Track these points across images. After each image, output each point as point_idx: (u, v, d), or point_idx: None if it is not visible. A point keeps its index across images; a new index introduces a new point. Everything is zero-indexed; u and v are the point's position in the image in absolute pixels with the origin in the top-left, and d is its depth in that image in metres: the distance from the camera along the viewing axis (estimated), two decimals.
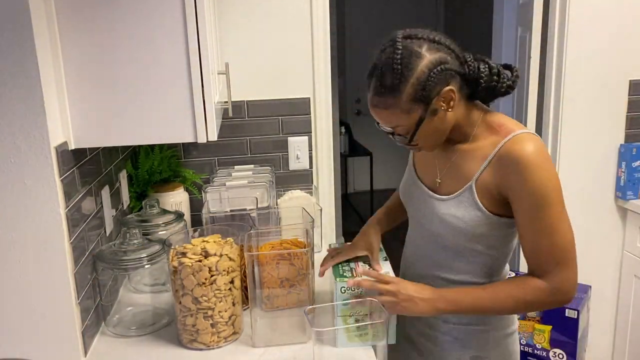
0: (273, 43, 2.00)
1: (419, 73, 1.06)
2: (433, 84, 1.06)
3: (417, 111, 1.09)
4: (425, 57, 1.07)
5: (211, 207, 1.70)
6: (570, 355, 2.23)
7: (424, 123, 1.10)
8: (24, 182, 1.10)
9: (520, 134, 1.11)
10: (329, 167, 2.14)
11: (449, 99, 1.09)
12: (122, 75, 1.18)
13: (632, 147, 2.32)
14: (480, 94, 1.15)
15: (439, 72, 1.06)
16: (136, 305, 1.49)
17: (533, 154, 1.07)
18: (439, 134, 1.15)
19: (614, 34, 2.25)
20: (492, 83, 1.13)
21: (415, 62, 1.06)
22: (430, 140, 1.16)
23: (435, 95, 1.08)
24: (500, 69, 1.14)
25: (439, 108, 1.10)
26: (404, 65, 1.05)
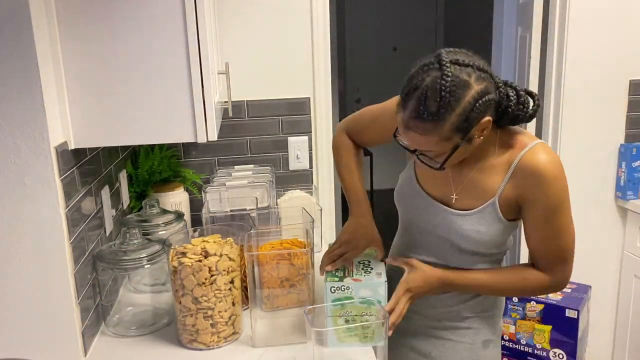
0: (273, 43, 2.00)
1: (466, 104, 1.03)
2: (476, 115, 1.05)
3: (455, 140, 1.07)
4: (473, 87, 1.04)
5: (211, 207, 1.70)
6: (570, 355, 2.23)
7: (458, 150, 1.10)
8: (24, 182, 1.10)
9: (535, 146, 1.16)
10: (329, 167, 2.14)
11: (484, 129, 1.09)
12: (122, 75, 1.18)
13: (632, 147, 2.32)
14: (505, 121, 1.16)
15: (483, 104, 1.05)
16: (136, 305, 1.49)
17: (550, 164, 1.13)
18: (464, 156, 1.16)
19: (614, 34, 2.25)
20: (518, 111, 1.14)
21: (464, 93, 1.03)
22: (450, 163, 1.15)
23: (475, 125, 1.06)
24: (525, 96, 1.15)
25: (475, 137, 1.09)
26: (452, 94, 1.02)
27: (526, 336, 2.29)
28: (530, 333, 2.28)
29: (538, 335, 2.26)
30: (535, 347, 2.28)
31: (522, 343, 2.30)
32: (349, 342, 1.22)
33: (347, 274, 1.27)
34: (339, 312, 1.21)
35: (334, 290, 1.22)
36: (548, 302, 2.23)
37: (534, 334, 2.27)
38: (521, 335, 2.30)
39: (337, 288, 1.22)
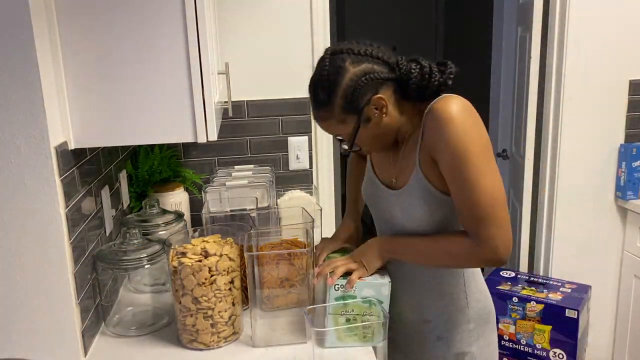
0: (273, 43, 2.00)
1: (345, 86, 1.11)
2: (360, 94, 1.11)
3: (351, 120, 1.14)
4: (349, 70, 1.11)
5: (211, 207, 1.70)
6: (570, 355, 2.23)
7: (360, 130, 1.15)
8: (24, 182, 1.10)
9: (445, 95, 1.12)
10: (329, 167, 2.14)
11: (380, 106, 1.13)
12: (122, 75, 1.18)
13: (632, 147, 2.32)
14: (412, 94, 1.16)
15: (364, 82, 1.10)
16: (136, 305, 1.49)
17: (454, 109, 1.07)
18: (381, 137, 1.19)
19: (614, 34, 2.25)
20: (424, 82, 1.13)
21: (340, 77, 1.11)
22: (374, 144, 1.21)
23: (364, 104, 1.12)
24: (432, 67, 1.14)
25: (372, 115, 1.14)
26: (331, 80, 1.12)
27: (526, 336, 2.29)
28: (530, 333, 2.28)
29: (538, 335, 2.26)
30: (535, 347, 2.28)
31: (522, 343, 2.30)
32: (349, 341, 1.22)
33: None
34: (341, 311, 1.22)
35: (337, 288, 1.22)
36: (548, 302, 2.23)
37: (534, 334, 2.27)
38: (521, 335, 2.30)
39: (341, 286, 1.22)
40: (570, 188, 2.37)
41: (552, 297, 2.26)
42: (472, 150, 1.06)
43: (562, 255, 2.44)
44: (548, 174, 2.38)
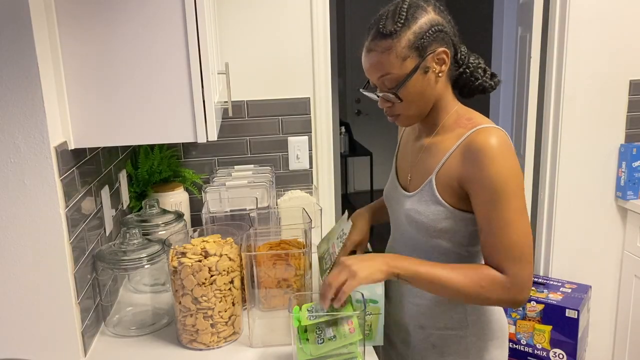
0: (273, 43, 2.00)
1: (422, 24, 1.09)
2: (431, 40, 1.09)
3: (411, 61, 1.09)
4: (430, 13, 1.10)
5: (211, 207, 1.70)
6: (570, 355, 2.23)
7: (414, 77, 1.10)
8: (23, 182, 1.10)
9: (486, 127, 1.10)
10: (329, 167, 2.14)
11: (442, 62, 1.11)
12: (122, 75, 1.18)
13: (632, 147, 2.32)
14: (461, 82, 1.18)
15: (439, 31, 1.10)
16: (136, 305, 1.49)
17: (494, 145, 1.05)
18: (424, 100, 1.14)
19: (614, 34, 2.25)
20: (476, 75, 1.17)
21: (420, 14, 1.09)
22: (413, 105, 1.14)
23: (431, 51, 1.09)
24: (487, 69, 1.19)
25: (431, 67, 1.11)
26: (409, 13, 1.09)
27: (526, 336, 2.29)
28: (530, 333, 2.28)
29: (538, 335, 2.26)
30: (535, 347, 2.28)
31: (522, 343, 2.30)
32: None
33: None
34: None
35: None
36: (548, 302, 2.23)
37: (534, 334, 2.27)
38: (521, 335, 2.30)
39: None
40: (570, 188, 2.37)
41: (552, 297, 2.26)
42: (512, 191, 1.05)
43: (562, 255, 2.44)
44: (548, 174, 2.38)
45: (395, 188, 1.29)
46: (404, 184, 1.27)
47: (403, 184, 1.27)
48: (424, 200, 1.16)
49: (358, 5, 5.37)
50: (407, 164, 1.28)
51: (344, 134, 4.82)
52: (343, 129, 4.80)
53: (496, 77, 1.21)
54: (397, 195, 1.27)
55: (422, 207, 1.16)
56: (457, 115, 1.17)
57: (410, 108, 1.15)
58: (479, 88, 1.18)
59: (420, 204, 1.17)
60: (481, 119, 1.14)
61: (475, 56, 1.19)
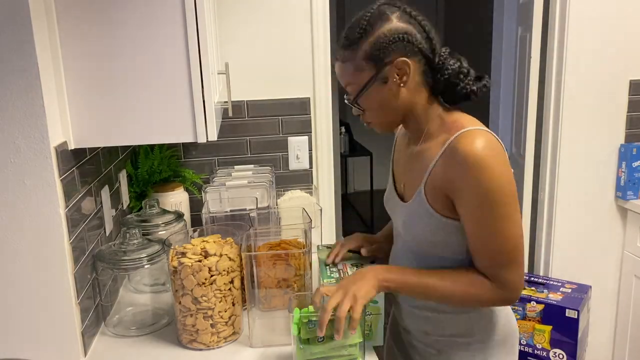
0: (273, 43, 2.00)
1: (380, 34, 1.06)
2: (390, 50, 1.06)
3: (368, 71, 1.08)
4: (392, 22, 1.07)
5: (211, 207, 1.70)
6: (570, 355, 2.23)
7: (372, 87, 1.09)
8: (23, 182, 1.10)
9: (470, 130, 1.04)
10: (329, 167, 2.14)
11: (403, 72, 1.07)
12: (122, 75, 1.18)
13: (632, 147, 2.32)
14: (439, 88, 1.12)
15: (399, 41, 1.06)
16: (136, 305, 1.49)
17: (478, 149, 1.00)
18: (389, 109, 1.12)
19: (614, 34, 2.25)
20: (455, 80, 1.10)
21: (380, 24, 1.07)
22: (378, 114, 1.14)
23: (389, 61, 1.06)
24: (470, 71, 1.11)
25: (391, 78, 1.08)
26: (369, 23, 1.07)
27: (526, 336, 2.29)
28: (530, 333, 2.28)
29: (538, 336, 2.26)
30: (535, 347, 2.28)
31: (522, 343, 2.30)
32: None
33: (341, 275, 1.26)
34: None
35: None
36: (548, 302, 2.23)
37: (534, 334, 2.27)
38: (521, 336, 2.30)
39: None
40: (570, 188, 2.36)
41: (552, 297, 2.26)
42: (500, 199, 1.01)
43: (562, 255, 2.44)
44: (548, 174, 2.38)
45: (393, 195, 1.26)
46: (400, 191, 1.24)
47: (399, 191, 1.24)
48: (415, 211, 1.13)
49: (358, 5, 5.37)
50: (400, 171, 1.26)
51: (344, 134, 4.82)
52: (343, 129, 4.80)
53: (483, 79, 1.12)
54: (394, 203, 1.25)
55: (415, 219, 1.13)
56: (441, 119, 1.12)
57: (376, 116, 1.15)
58: (459, 94, 1.11)
59: (412, 216, 1.14)
60: (466, 121, 1.09)
61: (457, 59, 1.11)
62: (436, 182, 1.08)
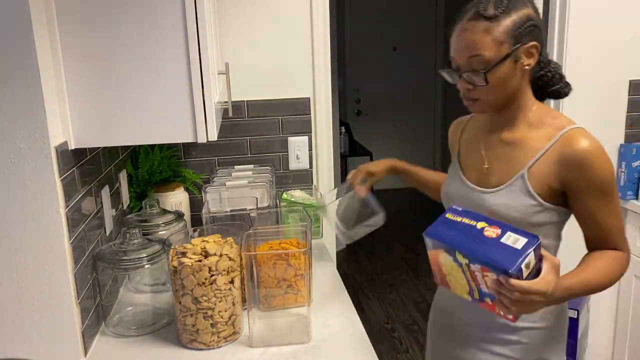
0: (273, 43, 2.00)
1: (521, 15, 1.12)
2: (527, 32, 1.12)
3: (506, 46, 1.12)
4: (529, 8, 1.15)
5: (211, 207, 1.70)
6: (570, 355, 2.23)
7: (505, 62, 1.12)
8: (24, 182, 1.10)
9: (576, 129, 1.17)
10: (329, 167, 2.14)
11: (531, 55, 1.14)
12: (122, 75, 1.18)
13: (632, 147, 2.32)
14: (539, 84, 1.22)
15: (534, 26, 1.14)
16: (136, 305, 1.49)
17: (595, 147, 1.14)
18: (508, 89, 1.16)
19: (614, 34, 2.25)
20: (555, 80, 1.22)
21: (521, 6, 1.13)
22: (495, 92, 1.16)
23: (525, 42, 1.13)
24: (564, 76, 1.24)
25: (521, 57, 1.14)
26: (512, 2, 1.12)
27: None
28: None
29: None
30: None
31: None
32: None
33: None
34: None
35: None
36: None
37: None
38: None
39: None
40: None
41: None
42: (614, 185, 1.17)
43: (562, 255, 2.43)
44: None
45: (464, 186, 1.27)
46: (475, 179, 1.26)
47: (473, 180, 1.26)
48: (514, 194, 1.17)
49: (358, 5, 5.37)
50: (479, 160, 1.26)
51: (344, 134, 4.82)
52: (343, 129, 4.80)
53: (569, 86, 1.24)
54: (469, 195, 1.25)
55: (513, 200, 1.17)
56: (540, 112, 1.20)
57: (491, 93, 1.16)
58: (553, 93, 1.23)
59: (510, 198, 1.18)
60: (565, 119, 1.19)
61: (555, 62, 1.24)
62: (545, 172, 1.16)
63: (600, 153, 1.14)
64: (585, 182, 1.14)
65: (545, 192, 1.17)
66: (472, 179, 1.27)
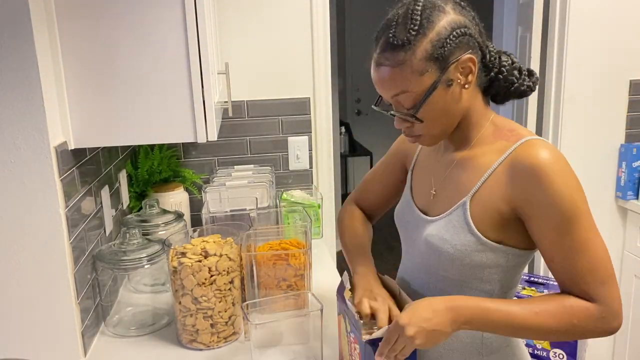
0: (273, 43, 2.00)
1: (440, 29, 0.91)
2: (454, 46, 0.91)
3: (431, 74, 0.92)
4: (450, 14, 0.93)
5: (211, 207, 1.70)
6: (570, 355, 2.23)
7: (435, 92, 0.93)
8: (23, 182, 1.10)
9: (532, 140, 0.94)
10: (329, 167, 2.14)
11: (467, 71, 0.94)
12: (122, 75, 1.18)
13: (632, 147, 2.32)
14: (497, 88, 1.01)
15: (461, 35, 0.92)
16: (136, 305, 1.49)
17: (552, 160, 0.90)
18: (449, 117, 0.98)
19: (614, 34, 2.25)
20: (512, 77, 1.00)
21: (437, 17, 0.92)
22: (436, 124, 0.98)
23: (454, 60, 0.92)
24: (522, 67, 1.02)
25: (455, 79, 0.94)
26: (424, 17, 0.91)
27: None
28: None
29: None
30: (535, 347, 2.28)
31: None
32: None
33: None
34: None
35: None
36: None
37: None
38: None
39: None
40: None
41: None
42: (582, 209, 0.91)
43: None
44: None
45: (410, 209, 1.11)
46: (423, 203, 1.09)
47: (421, 205, 1.09)
48: (452, 226, 0.98)
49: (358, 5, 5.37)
50: (428, 180, 1.10)
51: (344, 134, 4.82)
52: (343, 129, 4.80)
53: (534, 75, 1.02)
54: (413, 219, 1.09)
55: (450, 234, 0.98)
56: (495, 126, 1.01)
57: (433, 127, 0.98)
58: (515, 93, 1.01)
59: (447, 231, 0.99)
60: (525, 130, 0.98)
61: (507, 55, 1.01)
62: (494, 195, 0.95)
63: (562, 167, 0.90)
64: (541, 204, 0.90)
65: (493, 224, 0.95)
66: (420, 203, 1.10)
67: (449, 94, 0.95)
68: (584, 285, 0.91)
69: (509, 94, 1.02)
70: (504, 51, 1.03)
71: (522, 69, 1.02)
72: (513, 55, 1.02)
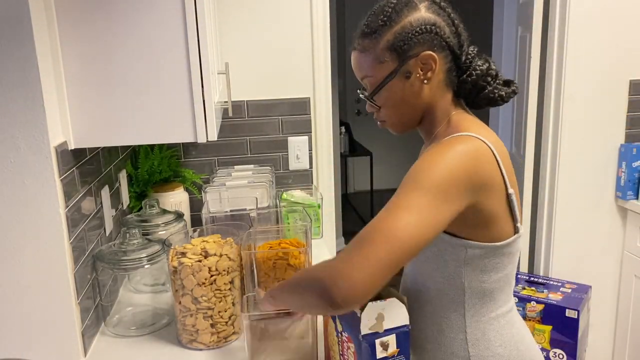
0: (273, 43, 2.00)
1: (406, 23, 0.97)
2: (415, 42, 0.97)
3: (390, 64, 0.99)
4: (420, 11, 0.98)
5: (211, 207, 1.70)
6: (570, 355, 2.23)
7: (392, 81, 0.99)
8: (23, 181, 1.10)
9: (461, 135, 0.95)
10: (329, 167, 2.14)
11: (427, 68, 0.98)
12: (122, 75, 1.18)
13: (632, 147, 2.32)
14: (465, 90, 1.03)
15: (426, 32, 0.96)
16: (136, 305, 1.49)
17: (452, 145, 0.91)
18: (407, 108, 1.02)
19: (614, 34, 2.25)
20: (482, 83, 1.01)
21: (407, 12, 0.98)
22: (395, 112, 1.03)
23: (414, 55, 0.97)
24: (499, 75, 1.03)
25: (414, 72, 0.98)
26: (394, 10, 0.98)
27: None
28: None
29: (538, 336, 2.26)
30: None
31: None
32: None
33: None
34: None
35: None
36: (548, 302, 2.23)
37: (534, 334, 2.27)
38: None
39: None
40: (570, 188, 2.37)
41: (552, 297, 2.26)
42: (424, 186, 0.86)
43: (562, 255, 2.44)
44: (548, 174, 2.38)
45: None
46: None
47: None
48: None
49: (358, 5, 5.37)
50: None
51: (344, 134, 4.82)
52: (343, 129, 4.80)
53: (512, 85, 1.03)
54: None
55: None
56: (448, 124, 1.02)
57: (393, 114, 1.04)
58: (484, 99, 1.03)
59: None
60: (472, 126, 0.98)
61: (485, 60, 1.03)
62: None
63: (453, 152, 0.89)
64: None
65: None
66: None
67: (407, 86, 1.00)
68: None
69: (479, 99, 1.03)
70: (486, 57, 1.04)
71: (499, 76, 1.03)
72: (493, 62, 1.04)
